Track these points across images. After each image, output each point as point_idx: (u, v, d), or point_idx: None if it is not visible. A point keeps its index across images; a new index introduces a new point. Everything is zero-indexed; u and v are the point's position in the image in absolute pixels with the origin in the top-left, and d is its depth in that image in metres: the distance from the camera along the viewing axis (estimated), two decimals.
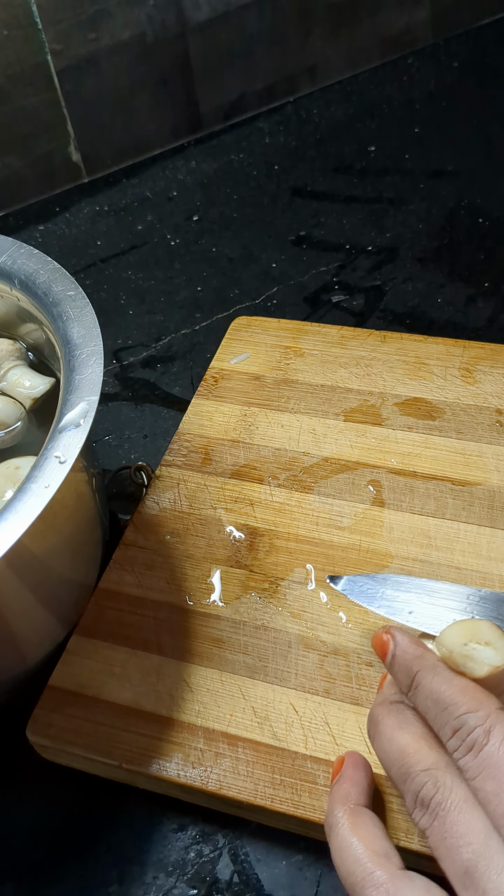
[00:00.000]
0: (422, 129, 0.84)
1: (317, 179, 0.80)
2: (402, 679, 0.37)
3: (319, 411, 0.57)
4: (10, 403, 0.51)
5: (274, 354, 0.61)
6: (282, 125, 0.86)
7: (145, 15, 0.77)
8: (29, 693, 0.46)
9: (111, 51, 0.77)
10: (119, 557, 0.51)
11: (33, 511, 0.37)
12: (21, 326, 0.53)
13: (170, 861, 0.43)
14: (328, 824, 0.37)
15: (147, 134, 0.84)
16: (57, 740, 0.44)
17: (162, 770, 0.42)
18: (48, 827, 0.45)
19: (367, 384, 0.58)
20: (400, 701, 0.38)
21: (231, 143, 0.85)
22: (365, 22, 0.87)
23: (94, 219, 0.80)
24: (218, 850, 0.43)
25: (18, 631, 0.45)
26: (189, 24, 0.79)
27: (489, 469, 0.52)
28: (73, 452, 0.39)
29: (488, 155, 0.80)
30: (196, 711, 0.44)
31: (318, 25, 0.85)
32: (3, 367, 0.52)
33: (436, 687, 0.35)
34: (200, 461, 0.56)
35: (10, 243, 0.50)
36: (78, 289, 0.47)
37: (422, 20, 0.90)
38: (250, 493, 0.53)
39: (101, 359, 0.43)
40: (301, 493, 0.53)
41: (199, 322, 0.69)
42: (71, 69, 0.76)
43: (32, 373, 0.53)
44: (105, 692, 0.45)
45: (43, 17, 0.72)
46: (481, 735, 0.33)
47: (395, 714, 0.37)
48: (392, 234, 0.74)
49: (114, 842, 0.44)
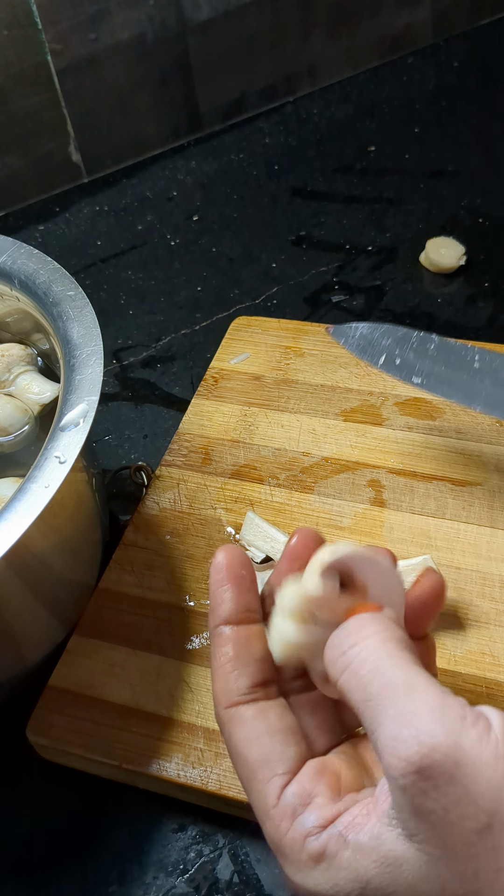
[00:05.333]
0: (422, 129, 0.84)
1: (317, 179, 0.80)
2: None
3: (319, 411, 0.57)
4: (18, 408, 0.51)
5: (274, 354, 0.61)
6: (282, 125, 0.86)
7: (145, 15, 0.77)
8: (29, 693, 0.46)
9: (111, 51, 0.77)
10: (119, 557, 0.51)
11: (33, 511, 0.37)
12: (33, 333, 0.53)
13: (170, 861, 0.43)
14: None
15: (147, 134, 0.84)
16: (57, 740, 0.44)
17: (162, 770, 0.42)
18: (48, 827, 0.45)
19: (367, 384, 0.58)
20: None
21: (231, 143, 0.85)
22: (365, 22, 0.87)
23: (94, 219, 0.80)
24: (218, 850, 0.43)
25: (18, 631, 0.45)
26: (189, 24, 0.79)
27: (489, 469, 0.52)
28: (73, 452, 0.39)
29: (488, 155, 0.80)
30: (196, 711, 0.44)
31: (318, 25, 0.85)
32: (14, 372, 0.52)
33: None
34: (200, 461, 0.56)
35: (10, 243, 0.50)
36: (78, 289, 0.47)
37: (422, 20, 0.90)
38: (250, 493, 0.53)
39: (101, 359, 0.43)
40: (301, 493, 0.53)
41: (199, 322, 0.69)
42: (71, 69, 0.76)
43: (42, 378, 0.53)
44: (105, 692, 0.45)
45: (43, 17, 0.72)
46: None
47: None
48: (392, 234, 0.74)
49: (114, 842, 0.44)
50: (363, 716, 0.30)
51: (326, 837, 0.30)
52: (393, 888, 0.29)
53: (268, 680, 0.34)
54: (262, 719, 0.33)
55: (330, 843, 0.30)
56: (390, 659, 0.30)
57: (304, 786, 0.31)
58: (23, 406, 0.52)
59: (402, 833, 0.29)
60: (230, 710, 0.33)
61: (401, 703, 0.29)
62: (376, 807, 0.30)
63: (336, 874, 0.30)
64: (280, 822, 0.31)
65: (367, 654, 0.30)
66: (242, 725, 0.33)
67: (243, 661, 0.34)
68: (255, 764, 0.32)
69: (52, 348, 0.47)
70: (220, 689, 0.34)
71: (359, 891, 0.29)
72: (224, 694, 0.33)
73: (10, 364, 0.52)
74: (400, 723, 0.28)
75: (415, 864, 0.28)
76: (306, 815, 0.31)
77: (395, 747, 0.28)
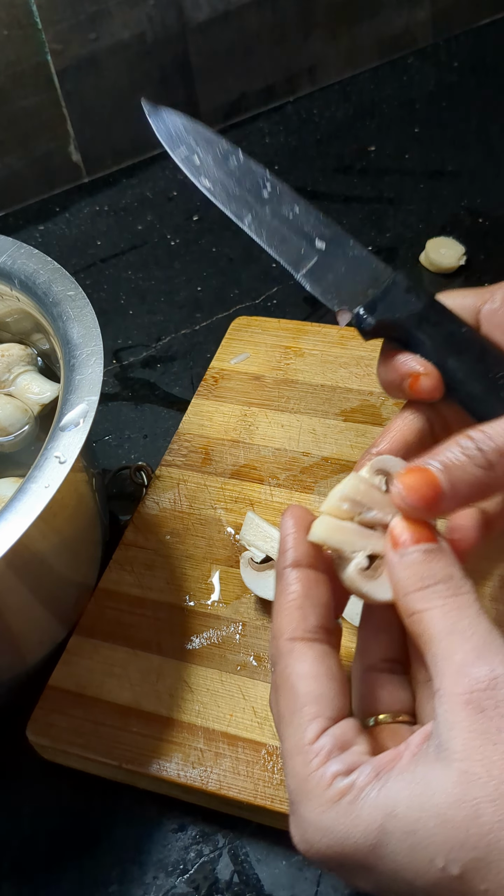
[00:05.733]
0: (422, 129, 0.84)
1: (317, 179, 0.80)
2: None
3: (319, 411, 0.57)
4: (18, 408, 0.51)
5: (274, 354, 0.61)
6: (282, 125, 0.86)
7: (145, 15, 0.77)
8: (29, 693, 0.46)
9: (111, 51, 0.77)
10: (119, 557, 0.51)
11: (33, 511, 0.37)
12: (33, 333, 0.53)
13: (170, 861, 0.43)
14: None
15: (147, 134, 0.83)
16: (57, 740, 0.44)
17: (162, 770, 0.42)
18: (48, 827, 0.45)
19: (367, 384, 0.58)
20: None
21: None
22: (365, 22, 0.87)
23: (94, 219, 0.80)
24: (218, 850, 0.43)
25: (18, 631, 0.45)
26: (189, 24, 0.79)
27: None
28: (73, 452, 0.39)
29: (488, 155, 0.80)
30: (196, 711, 0.44)
31: (318, 25, 0.85)
32: (14, 372, 0.52)
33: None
34: (200, 461, 0.56)
35: (10, 243, 0.50)
36: (78, 289, 0.47)
37: (422, 20, 0.90)
38: (250, 493, 0.53)
39: (101, 359, 0.43)
40: (301, 493, 0.53)
41: (199, 322, 0.69)
42: (71, 69, 0.76)
43: (42, 379, 0.53)
44: (105, 692, 0.45)
45: (43, 17, 0.72)
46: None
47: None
48: (392, 234, 0.74)
49: (114, 842, 0.44)
50: (434, 641, 0.31)
51: (357, 775, 0.30)
52: (419, 815, 0.28)
53: (331, 629, 0.34)
54: (324, 662, 0.33)
55: (359, 779, 0.30)
56: (472, 616, 0.31)
57: (346, 733, 0.31)
58: (23, 406, 0.52)
59: (442, 756, 0.29)
60: (293, 643, 0.33)
61: (480, 640, 0.30)
62: (409, 746, 0.30)
63: (361, 807, 0.29)
64: (313, 758, 0.31)
65: (441, 608, 0.31)
66: (303, 660, 0.32)
67: (312, 600, 0.33)
68: (305, 698, 0.32)
69: (52, 348, 0.48)
70: (285, 622, 0.33)
71: (381, 821, 0.29)
72: (289, 626, 0.33)
73: (10, 364, 0.52)
74: (479, 653, 0.30)
75: (450, 787, 0.28)
76: (342, 756, 0.31)
77: (466, 670, 0.29)
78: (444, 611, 0.31)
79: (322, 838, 0.30)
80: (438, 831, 0.28)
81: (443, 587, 0.31)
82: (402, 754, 0.30)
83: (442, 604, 0.31)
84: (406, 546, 0.32)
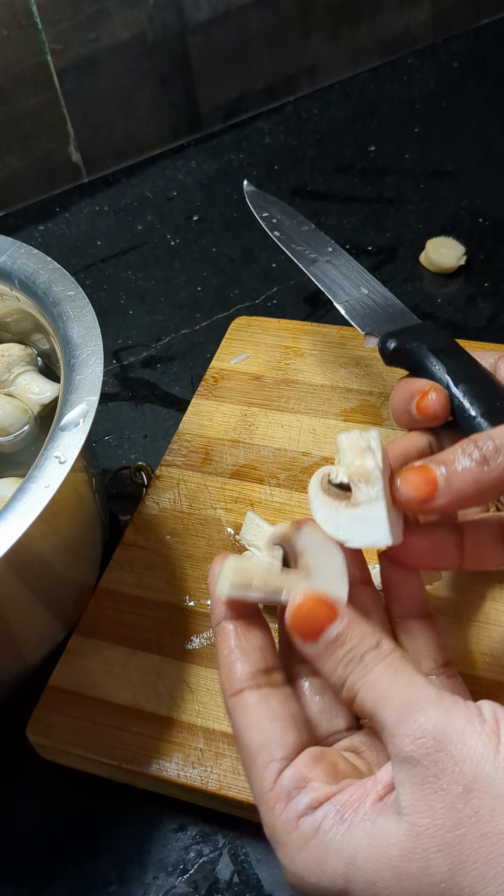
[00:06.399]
0: (422, 129, 0.84)
1: (317, 179, 0.80)
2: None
3: (319, 411, 0.57)
4: (18, 408, 0.51)
5: (274, 354, 0.61)
6: (282, 125, 0.86)
7: (145, 15, 0.77)
8: (29, 693, 0.46)
9: (111, 51, 0.77)
10: (119, 557, 0.51)
11: (33, 511, 0.37)
12: (33, 333, 0.53)
13: (170, 861, 0.43)
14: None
15: (147, 134, 0.84)
16: (57, 740, 0.44)
17: (162, 770, 0.42)
18: (48, 827, 0.45)
19: (367, 384, 0.58)
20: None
21: (231, 143, 0.85)
22: (365, 22, 0.87)
23: (94, 219, 0.80)
24: (218, 850, 0.43)
25: (18, 631, 0.45)
26: (189, 24, 0.79)
27: None
28: (73, 452, 0.39)
29: (488, 155, 0.80)
30: (196, 711, 0.44)
31: (318, 25, 0.85)
32: (14, 372, 0.52)
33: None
34: (200, 461, 0.56)
35: (10, 243, 0.50)
36: (78, 289, 0.47)
37: (422, 20, 0.90)
38: (250, 493, 0.53)
39: (101, 359, 0.43)
40: (301, 493, 0.53)
41: (199, 322, 0.69)
42: (71, 69, 0.76)
43: (42, 379, 0.53)
44: (105, 692, 0.45)
45: (43, 17, 0.72)
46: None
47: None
48: (392, 234, 0.74)
49: (114, 842, 0.44)
50: (371, 712, 0.31)
51: (321, 814, 0.31)
52: (376, 867, 0.29)
53: (270, 667, 0.34)
54: (264, 705, 0.33)
55: (325, 821, 0.30)
56: (391, 678, 0.32)
57: (300, 770, 0.32)
58: (23, 406, 0.52)
59: (395, 811, 0.29)
60: (234, 698, 0.34)
61: (404, 699, 0.31)
62: (375, 786, 0.31)
63: (326, 850, 0.30)
64: (275, 804, 0.31)
65: (363, 681, 0.32)
66: (245, 711, 0.33)
67: (243, 649, 0.34)
68: (254, 748, 0.32)
69: (52, 348, 0.47)
70: (224, 679, 0.34)
71: (343, 869, 0.30)
72: (228, 683, 0.34)
73: (10, 364, 0.52)
74: (406, 710, 0.30)
75: (402, 841, 0.29)
76: (300, 797, 0.31)
77: (399, 730, 0.30)
78: (366, 684, 0.31)
79: (298, 882, 0.31)
80: (394, 883, 0.29)
81: (357, 666, 0.32)
82: (367, 794, 0.31)
83: (362, 678, 0.32)
84: (309, 639, 0.33)
